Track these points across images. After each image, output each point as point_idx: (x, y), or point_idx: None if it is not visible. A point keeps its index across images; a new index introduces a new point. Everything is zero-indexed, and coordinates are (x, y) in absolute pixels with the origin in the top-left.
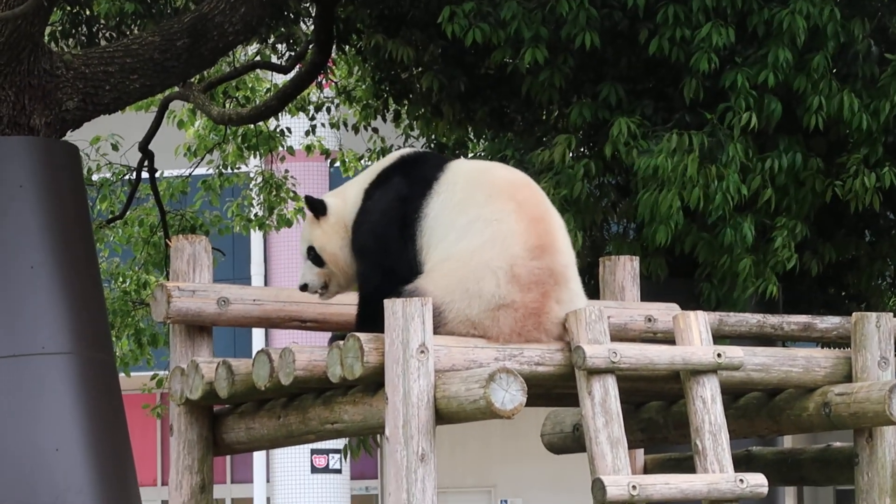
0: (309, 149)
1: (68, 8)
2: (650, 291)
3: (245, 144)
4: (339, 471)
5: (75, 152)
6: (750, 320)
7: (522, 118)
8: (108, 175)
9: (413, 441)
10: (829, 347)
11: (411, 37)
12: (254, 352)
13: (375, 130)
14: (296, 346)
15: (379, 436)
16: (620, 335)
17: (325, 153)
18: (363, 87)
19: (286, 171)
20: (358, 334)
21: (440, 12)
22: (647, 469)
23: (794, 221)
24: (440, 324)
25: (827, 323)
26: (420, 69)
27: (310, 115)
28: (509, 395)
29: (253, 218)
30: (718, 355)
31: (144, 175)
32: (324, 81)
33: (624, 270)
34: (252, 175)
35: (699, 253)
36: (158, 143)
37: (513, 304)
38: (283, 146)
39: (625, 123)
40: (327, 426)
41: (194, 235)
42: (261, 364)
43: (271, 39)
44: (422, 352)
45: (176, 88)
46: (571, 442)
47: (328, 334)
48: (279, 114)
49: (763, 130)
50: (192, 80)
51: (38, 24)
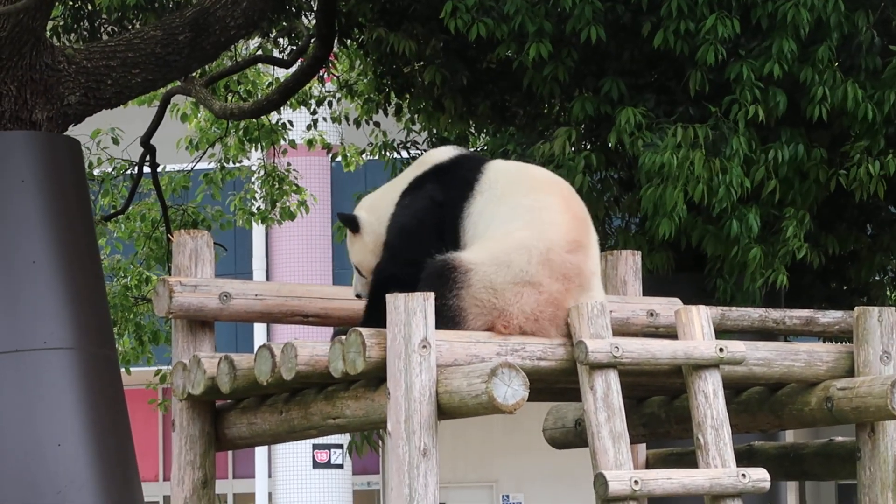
0: (310, 143)
1: (70, 2)
2: (655, 286)
3: (247, 138)
4: (340, 466)
5: (77, 147)
6: (752, 315)
7: (524, 112)
8: (110, 170)
9: (415, 436)
10: (832, 342)
11: (413, 30)
12: (256, 347)
13: (377, 124)
14: (298, 340)
15: (381, 431)
16: (622, 330)
17: (327, 147)
18: (365, 81)
19: (288, 163)
20: (360, 329)
21: (442, 6)
22: (649, 464)
23: (802, 212)
24: (465, 285)
25: (829, 317)
26: (422, 63)
27: (311, 110)
28: (511, 389)
29: (255, 211)
30: (720, 350)
31: (146, 170)
32: (325, 75)
33: (626, 265)
34: (254, 168)
35: (706, 246)
36: (160, 137)
37: (539, 285)
38: (284, 139)
39: (631, 113)
40: (329, 421)
41: (196, 230)
42: (263, 359)
43: (273, 33)
44: (424, 346)
45: (178, 83)
46: (573, 437)
47: (330, 329)
48: (281, 108)
49: (766, 122)
50: (193, 74)
51: (39, 19)
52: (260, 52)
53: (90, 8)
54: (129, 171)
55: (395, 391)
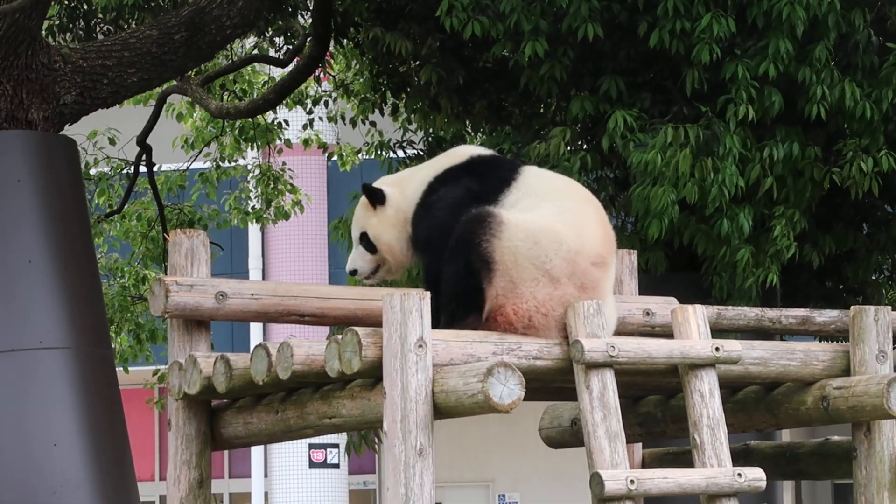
0: (306, 142)
1: (66, 2)
2: (651, 285)
3: (243, 137)
4: (336, 465)
5: (73, 146)
6: (748, 314)
7: (520, 111)
8: (106, 169)
9: (411, 435)
10: (828, 341)
11: (409, 30)
12: (252, 346)
13: (373, 124)
14: (294, 340)
15: (378, 430)
16: (618, 329)
17: (323, 147)
18: (361, 80)
19: (283, 163)
20: (356, 328)
21: (438, 5)
22: (645, 463)
23: (793, 211)
24: (497, 234)
25: (825, 316)
26: (418, 62)
27: (307, 109)
28: (507, 389)
29: (251, 211)
30: (717, 349)
31: (142, 169)
32: (322, 75)
33: (622, 264)
34: (250, 168)
35: (697, 244)
36: (156, 136)
37: (557, 281)
38: (280, 139)
39: (622, 116)
40: (325, 421)
41: (192, 230)
42: (259, 358)
43: (269, 33)
44: (420, 346)
45: (174, 82)
46: (569, 436)
47: (326, 329)
48: (277, 107)
49: (761, 121)
50: (189, 73)
51: (35, 18)
52: (256, 52)
53: (86, 7)
54: (125, 171)
55: (392, 390)
